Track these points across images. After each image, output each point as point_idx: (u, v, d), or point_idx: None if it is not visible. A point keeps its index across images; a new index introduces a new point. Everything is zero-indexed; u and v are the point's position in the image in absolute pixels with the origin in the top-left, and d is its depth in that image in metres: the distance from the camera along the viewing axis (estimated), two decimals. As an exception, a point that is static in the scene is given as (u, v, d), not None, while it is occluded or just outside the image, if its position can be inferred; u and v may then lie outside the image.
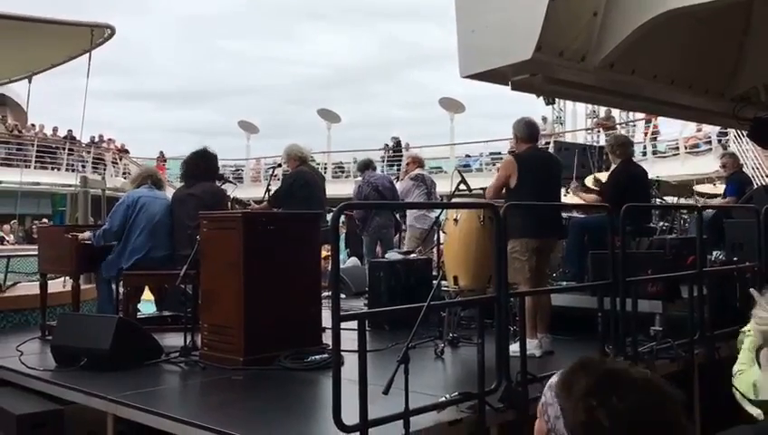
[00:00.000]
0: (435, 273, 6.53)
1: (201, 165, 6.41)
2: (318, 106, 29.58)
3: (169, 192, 6.99)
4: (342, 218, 10.73)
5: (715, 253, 7.08)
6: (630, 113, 21.50)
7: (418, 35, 75.53)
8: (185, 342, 5.16)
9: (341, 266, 8.95)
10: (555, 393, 1.28)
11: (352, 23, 79.58)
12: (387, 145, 26.46)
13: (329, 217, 6.78)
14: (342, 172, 27.15)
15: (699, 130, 19.43)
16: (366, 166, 9.78)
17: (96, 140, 27.14)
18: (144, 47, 70.01)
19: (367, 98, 72.83)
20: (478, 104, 41.57)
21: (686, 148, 19.43)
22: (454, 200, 6.45)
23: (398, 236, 9.84)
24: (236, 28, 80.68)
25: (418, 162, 9.88)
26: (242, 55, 75.35)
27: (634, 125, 21.96)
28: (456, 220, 5.43)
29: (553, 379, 1.32)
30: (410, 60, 79.98)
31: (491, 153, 23.98)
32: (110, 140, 27.94)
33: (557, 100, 20.25)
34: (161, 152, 29.23)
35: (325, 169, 25.99)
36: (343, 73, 73.74)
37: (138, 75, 72.03)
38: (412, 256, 7.57)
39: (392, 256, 7.52)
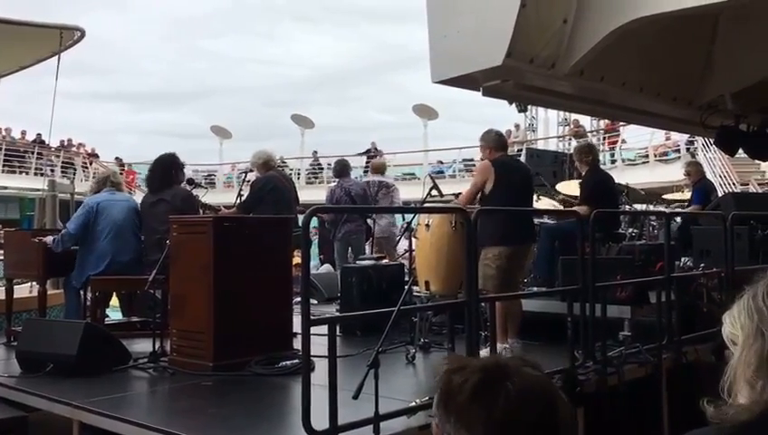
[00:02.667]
0: (407, 278, 6.52)
1: (170, 172, 6.37)
2: (298, 109, 29.59)
3: (139, 197, 6.89)
4: (315, 223, 10.73)
5: (683, 259, 7.19)
6: (595, 123, 21.78)
7: (404, 38, 75.30)
8: (153, 347, 5.10)
9: (313, 272, 8.92)
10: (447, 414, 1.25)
11: (336, 24, 79.16)
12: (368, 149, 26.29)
13: (300, 218, 6.77)
14: (316, 178, 27.07)
15: (668, 139, 19.73)
16: (342, 170, 9.80)
17: (65, 144, 26.77)
18: (122, 46, 68.74)
19: (349, 101, 72.39)
20: (458, 108, 41.66)
21: (655, 156, 19.69)
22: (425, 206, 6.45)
23: (369, 242, 9.84)
24: (218, 28, 79.67)
25: (376, 168, 10.41)
26: (223, 56, 74.38)
27: (604, 134, 22.20)
28: (427, 226, 5.43)
29: (440, 406, 1.28)
30: (394, 63, 79.73)
31: (464, 160, 24.04)
32: (80, 144, 27.55)
33: (529, 107, 20.44)
34: (117, 158, 28.49)
35: (299, 174, 25.92)
36: (325, 76, 73.30)
37: (114, 75, 70.61)
38: (384, 261, 7.57)
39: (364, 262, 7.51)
